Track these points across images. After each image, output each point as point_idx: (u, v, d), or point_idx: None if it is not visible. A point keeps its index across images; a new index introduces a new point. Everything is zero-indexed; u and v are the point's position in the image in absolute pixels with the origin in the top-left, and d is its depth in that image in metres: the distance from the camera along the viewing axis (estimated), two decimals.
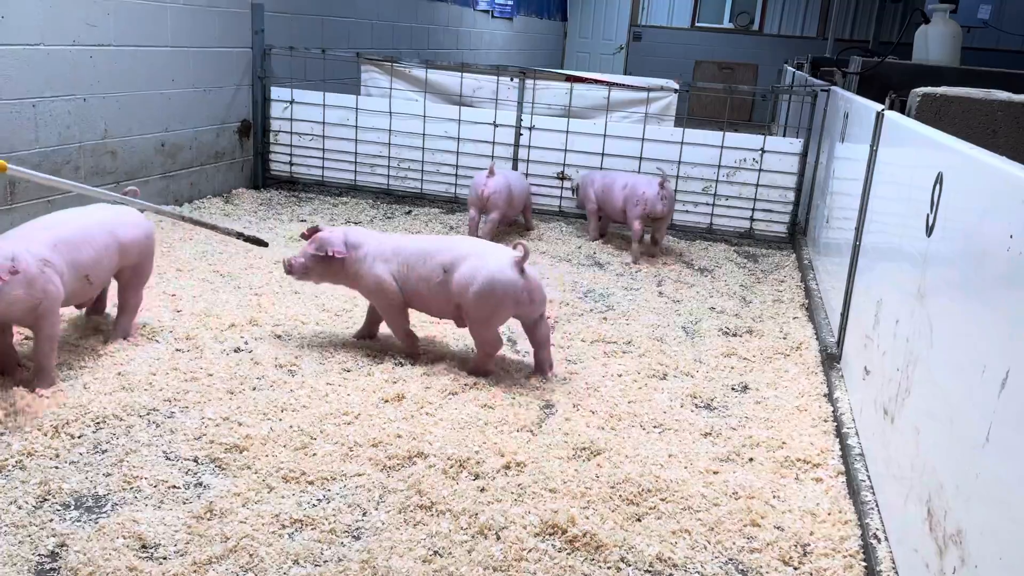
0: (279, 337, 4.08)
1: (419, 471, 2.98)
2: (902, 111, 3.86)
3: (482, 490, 2.90)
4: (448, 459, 3.06)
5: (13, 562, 2.36)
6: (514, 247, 3.71)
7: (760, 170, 6.50)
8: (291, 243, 5.68)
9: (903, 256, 2.97)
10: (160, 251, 5.24)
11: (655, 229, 6.12)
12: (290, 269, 3.90)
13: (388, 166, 7.21)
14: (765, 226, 6.64)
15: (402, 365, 3.86)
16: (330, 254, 3.84)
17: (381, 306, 3.94)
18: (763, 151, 6.47)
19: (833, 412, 3.59)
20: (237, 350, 3.89)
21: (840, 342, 3.96)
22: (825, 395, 3.80)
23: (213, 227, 4.39)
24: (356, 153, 7.23)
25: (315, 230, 3.94)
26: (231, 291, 4.69)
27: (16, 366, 3.42)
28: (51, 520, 2.57)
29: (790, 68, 11.13)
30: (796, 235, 6.54)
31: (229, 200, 6.85)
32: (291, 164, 7.39)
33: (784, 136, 7.47)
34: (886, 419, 2.79)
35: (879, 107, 3.95)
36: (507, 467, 3.05)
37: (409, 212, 6.92)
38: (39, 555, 2.41)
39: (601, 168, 6.64)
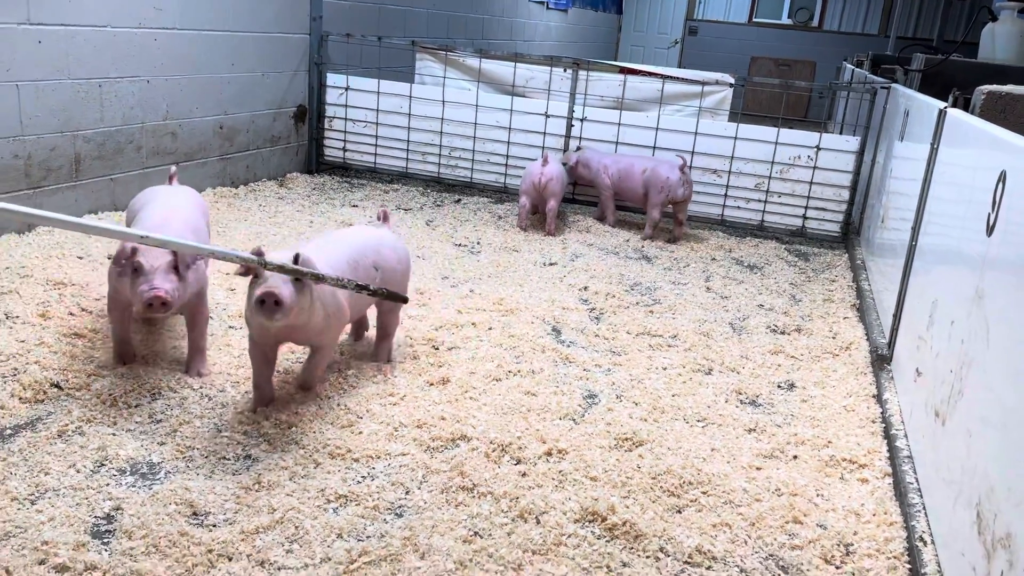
0: None
1: (462, 453, 3.02)
2: (965, 109, 3.77)
3: (523, 475, 2.93)
4: (490, 443, 3.09)
5: (71, 523, 2.45)
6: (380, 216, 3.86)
7: (815, 167, 6.39)
8: (342, 228, 5.76)
9: (961, 256, 2.90)
10: (215, 231, 5.38)
11: (677, 211, 6.15)
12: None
13: (439, 154, 7.26)
14: (817, 224, 6.53)
15: (449, 350, 3.90)
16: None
17: (337, 329, 3.31)
18: (818, 148, 6.37)
19: (882, 413, 3.54)
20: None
21: (891, 343, 3.89)
22: (874, 396, 3.73)
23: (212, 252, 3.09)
24: (408, 141, 7.29)
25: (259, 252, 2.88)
26: None
27: (132, 355, 3.47)
28: (107, 484, 2.67)
29: (849, 65, 10.90)
30: (849, 235, 6.42)
31: (283, 184, 6.97)
32: (344, 150, 7.49)
33: (841, 134, 7.33)
34: (937, 421, 2.74)
35: (941, 104, 3.86)
36: (548, 453, 3.07)
37: (459, 201, 6.97)
38: (95, 517, 2.51)
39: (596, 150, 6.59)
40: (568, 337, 4.21)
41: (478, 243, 5.78)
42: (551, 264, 5.43)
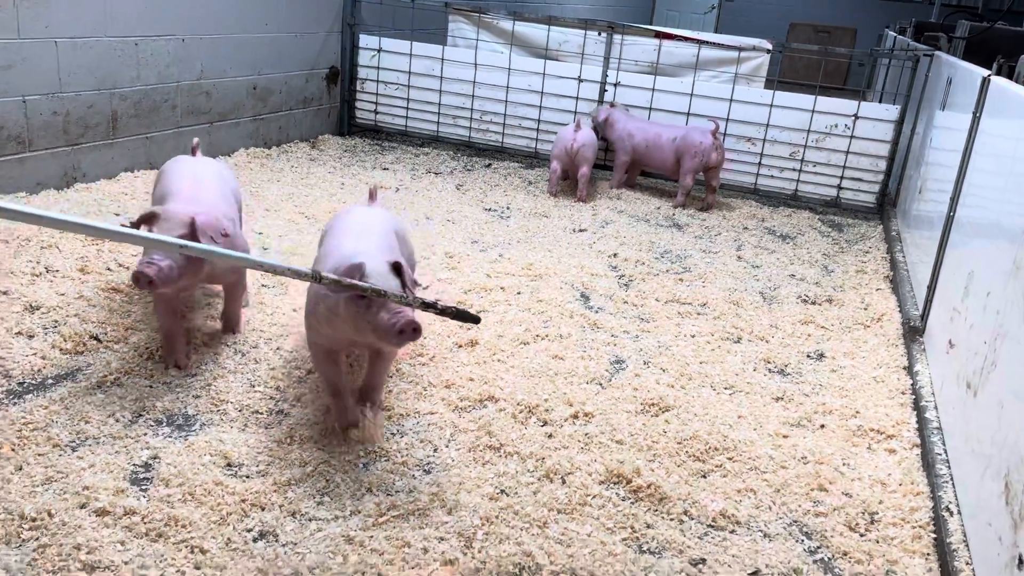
0: None
1: (489, 414, 3.06)
2: (1010, 78, 3.68)
3: (550, 436, 2.96)
4: (518, 404, 3.12)
5: (110, 469, 2.53)
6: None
7: (852, 137, 6.28)
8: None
9: (1000, 228, 2.86)
10: (248, 192, 5.43)
11: (710, 178, 6.10)
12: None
13: (470, 118, 7.23)
14: (853, 195, 6.43)
15: (478, 313, 3.92)
16: None
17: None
18: (856, 117, 6.25)
19: (912, 385, 3.51)
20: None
21: (925, 315, 3.85)
22: (904, 368, 3.71)
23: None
24: (440, 104, 7.27)
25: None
26: (315, 233, 4.82)
27: (185, 355, 3.20)
28: (145, 434, 2.74)
29: (891, 32, 10.64)
30: (885, 206, 6.32)
31: (315, 146, 7.00)
32: (376, 112, 7.49)
33: (880, 103, 7.18)
34: (968, 392, 2.72)
35: (985, 73, 3.77)
36: (575, 416, 3.09)
37: (489, 165, 6.95)
38: (134, 464, 2.58)
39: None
40: (596, 303, 4.22)
41: (508, 208, 5.78)
42: (581, 230, 5.41)
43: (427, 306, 2.44)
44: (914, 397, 3.41)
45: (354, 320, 2.47)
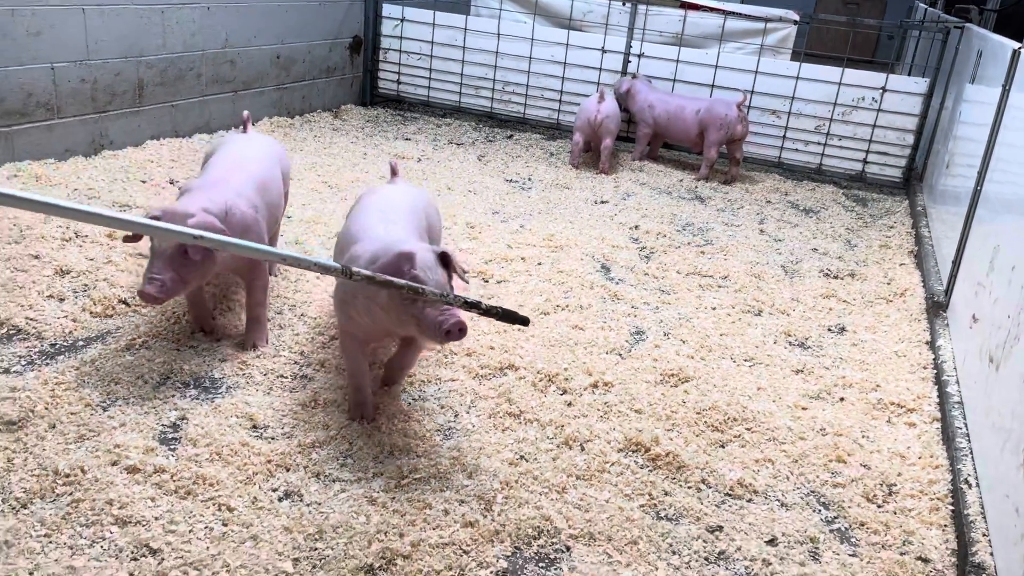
0: None
1: (509, 382, 3.09)
2: None
3: (569, 404, 2.99)
4: (538, 373, 3.15)
5: (140, 429, 2.59)
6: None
7: (879, 110, 6.20)
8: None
9: None
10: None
11: (733, 150, 6.06)
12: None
13: (493, 89, 7.20)
14: (878, 169, 6.36)
15: (499, 283, 3.94)
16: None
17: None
18: (884, 90, 6.16)
19: (934, 359, 3.50)
20: None
21: (949, 290, 3.82)
22: (927, 342, 3.69)
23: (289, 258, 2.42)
24: (462, 74, 7.24)
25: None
26: (338, 202, 4.85)
27: (211, 319, 3.26)
28: (173, 396, 2.80)
29: (922, 4, 10.44)
30: (911, 181, 6.25)
31: (338, 115, 7.02)
32: (398, 83, 7.48)
33: (909, 75, 7.07)
34: (991, 367, 2.71)
35: (1015, 45, 3.70)
36: (594, 385, 3.12)
37: (511, 136, 6.93)
38: (162, 425, 2.64)
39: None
40: (617, 275, 4.22)
41: (529, 179, 5.77)
42: (602, 202, 5.41)
43: (470, 306, 2.35)
44: (935, 371, 3.40)
45: (398, 314, 2.40)
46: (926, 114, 6.11)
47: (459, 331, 2.35)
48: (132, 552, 2.11)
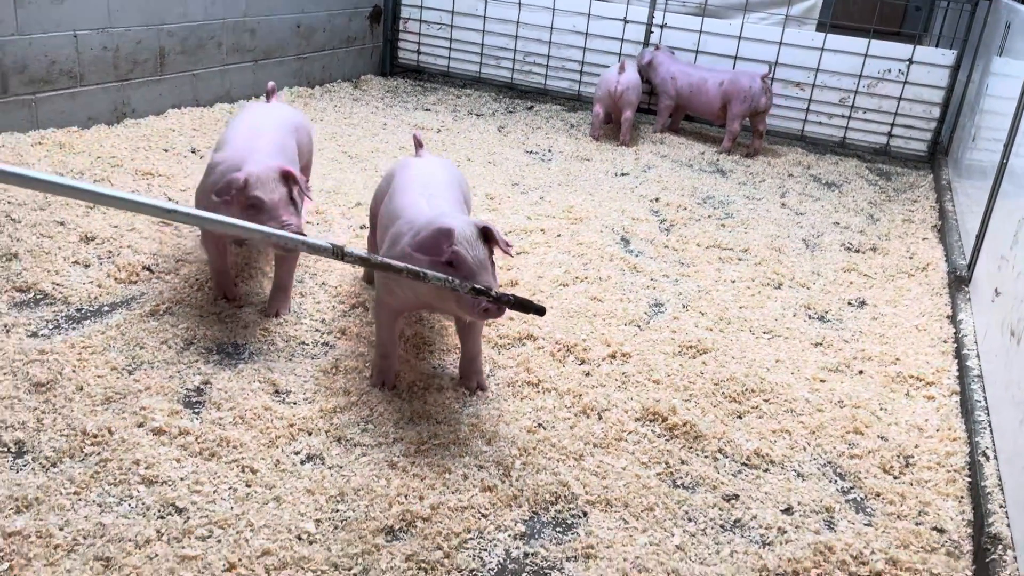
0: None
1: (528, 351, 3.11)
2: None
3: (587, 374, 3.01)
4: (556, 343, 3.17)
5: (165, 392, 2.64)
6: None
7: (905, 82, 6.11)
8: (415, 130, 5.80)
9: None
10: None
11: (757, 123, 6.01)
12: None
13: (513, 59, 7.16)
14: (903, 143, 6.29)
15: (518, 255, 3.95)
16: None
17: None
18: (911, 62, 6.07)
19: (955, 333, 3.48)
20: (363, 227, 4.07)
21: (971, 264, 3.79)
22: (948, 316, 3.67)
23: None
24: (482, 44, 7.20)
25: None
26: (358, 172, 4.87)
27: (233, 286, 3.28)
28: (196, 360, 2.84)
29: None
30: (936, 155, 6.17)
31: (358, 86, 7.01)
32: (419, 52, 7.45)
33: (936, 47, 6.95)
34: (1012, 340, 2.70)
35: None
36: (612, 356, 3.13)
37: (531, 107, 6.90)
38: (186, 388, 2.68)
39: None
40: (637, 247, 4.22)
41: (549, 151, 5.76)
42: (623, 174, 5.39)
43: (479, 293, 2.34)
44: (956, 345, 3.39)
45: (439, 290, 2.40)
46: (953, 87, 6.02)
47: (496, 309, 2.36)
48: (159, 510, 2.16)
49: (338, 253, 2.20)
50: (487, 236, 2.46)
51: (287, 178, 2.79)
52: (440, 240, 2.38)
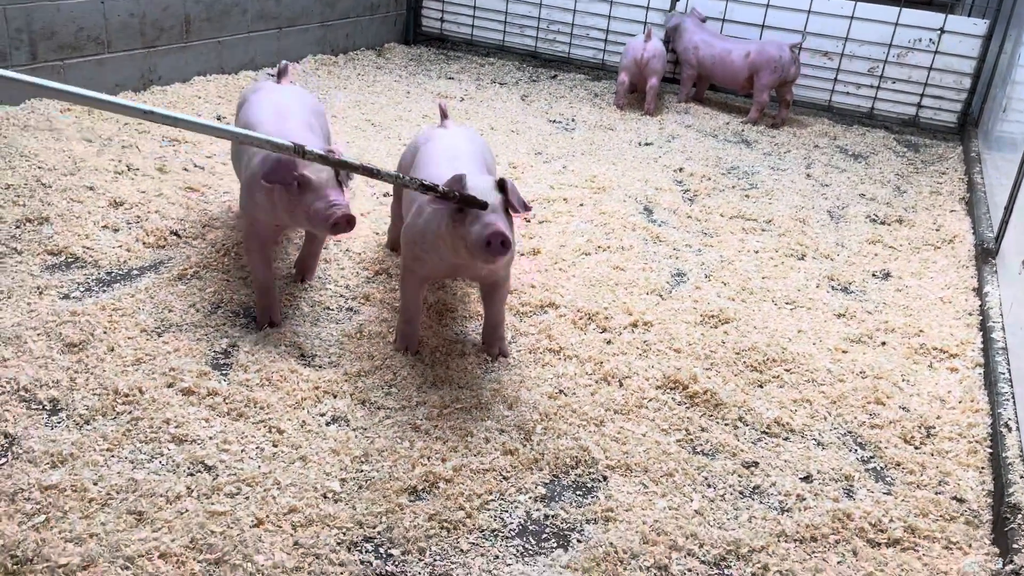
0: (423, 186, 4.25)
1: (550, 319, 3.13)
2: None
3: (608, 342, 3.02)
4: (578, 311, 3.19)
5: (193, 354, 2.69)
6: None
7: (936, 52, 6.00)
8: (438, 100, 5.79)
9: None
10: (317, 98, 5.49)
11: (784, 92, 5.93)
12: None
13: (537, 27, 7.10)
14: (932, 114, 6.19)
15: (540, 224, 3.96)
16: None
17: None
18: (942, 31, 5.95)
19: (980, 306, 3.46)
20: (386, 195, 4.09)
21: (999, 236, 3.75)
22: (973, 289, 3.64)
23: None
24: (506, 12, 7.15)
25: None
26: (381, 140, 4.88)
27: (279, 310, 2.98)
28: (224, 324, 2.89)
29: None
30: (967, 126, 6.07)
31: (381, 54, 6.99)
32: (442, 20, 7.41)
33: (968, 16, 6.81)
34: None
35: None
36: (634, 324, 3.15)
37: (555, 76, 6.86)
38: (214, 351, 2.74)
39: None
40: (660, 217, 4.21)
41: (573, 120, 5.73)
42: (647, 144, 5.35)
43: (427, 189, 2.42)
44: (981, 318, 3.36)
45: (452, 238, 2.44)
46: (984, 57, 5.90)
47: (501, 244, 2.35)
48: (188, 468, 2.21)
49: (299, 151, 2.36)
50: (502, 187, 2.49)
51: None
52: (452, 185, 2.45)
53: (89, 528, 1.97)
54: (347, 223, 2.50)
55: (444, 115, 3.25)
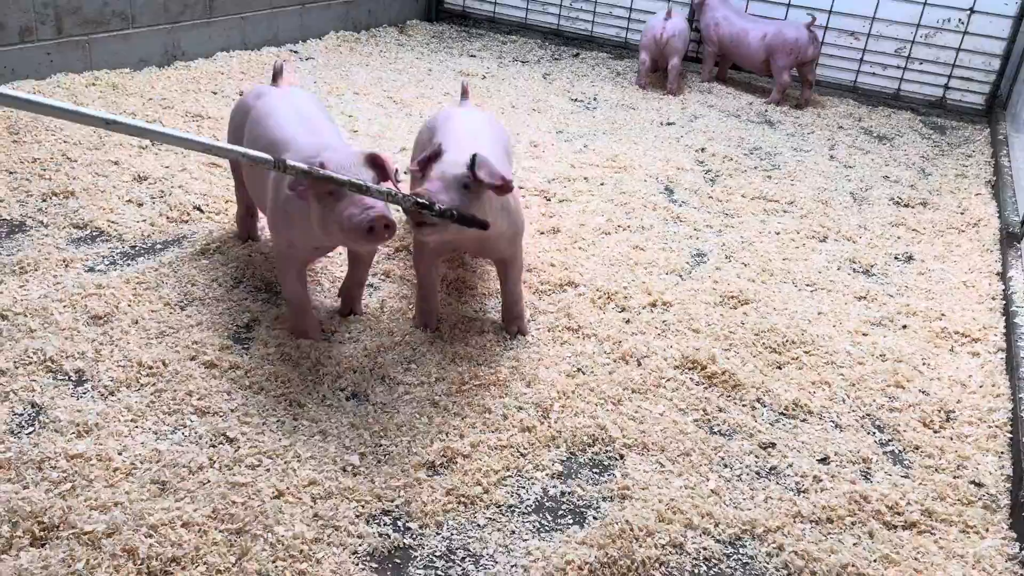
0: None
1: (569, 298, 3.13)
2: None
3: (627, 321, 3.03)
4: (597, 291, 3.19)
5: (215, 328, 2.72)
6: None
7: (965, 32, 5.89)
8: (459, 77, 5.77)
9: None
10: (339, 74, 5.49)
11: (806, 72, 5.85)
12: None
13: (560, 5, 7.05)
14: (960, 96, 6.08)
15: (560, 203, 3.95)
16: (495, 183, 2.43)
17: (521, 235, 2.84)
18: (971, 11, 5.83)
19: (1004, 291, 3.42)
20: (407, 172, 4.09)
21: None
22: (997, 273, 3.60)
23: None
24: None
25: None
26: (403, 117, 4.88)
27: (320, 327, 2.83)
28: (245, 299, 2.92)
29: None
30: (995, 108, 5.97)
31: (403, 31, 6.97)
32: None
33: None
34: None
35: None
36: (653, 304, 3.14)
37: (577, 55, 6.81)
38: (236, 325, 2.77)
39: None
40: (680, 197, 4.19)
41: (594, 99, 5.69)
42: (668, 124, 5.32)
43: (422, 206, 2.24)
44: (1004, 302, 3.33)
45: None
46: (1015, 38, 5.78)
47: (384, 227, 2.26)
48: (211, 439, 2.25)
49: (280, 165, 2.14)
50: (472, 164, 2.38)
51: (374, 163, 2.42)
52: (431, 154, 2.43)
53: (114, 496, 2.02)
54: (385, 228, 2.27)
55: (465, 94, 3.23)
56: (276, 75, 3.04)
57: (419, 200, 2.27)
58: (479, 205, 2.41)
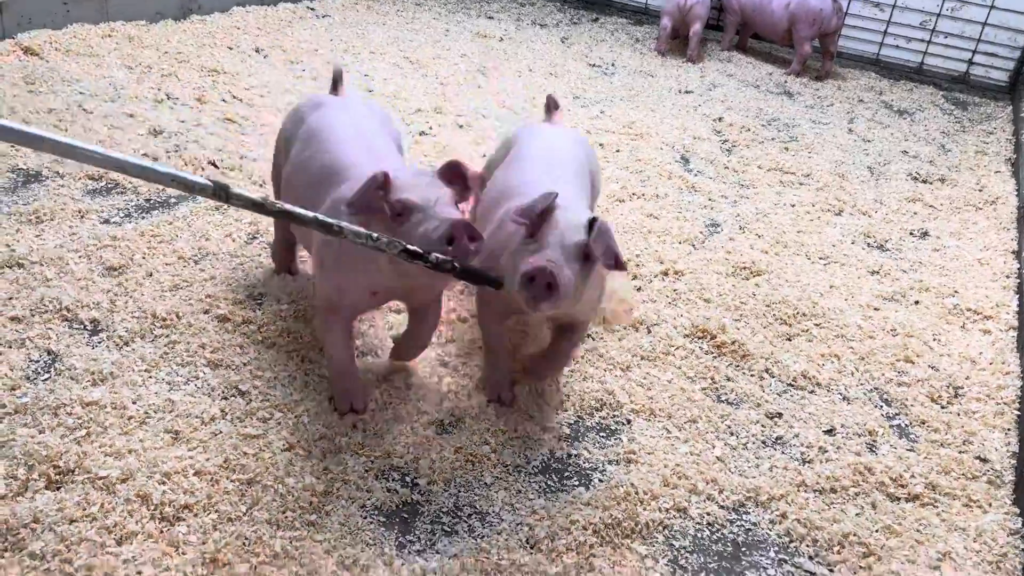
0: (460, 127, 4.24)
1: None
2: None
3: (638, 289, 3.03)
4: None
5: (229, 283, 2.74)
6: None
7: (991, 7, 5.79)
8: (476, 39, 5.72)
9: None
10: (355, 33, 5.45)
11: (827, 43, 5.77)
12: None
13: None
14: (984, 72, 6.00)
15: None
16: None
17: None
18: None
19: (1019, 269, 3.40)
20: (422, 133, 4.08)
21: None
22: (1013, 252, 3.58)
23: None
24: None
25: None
26: (419, 78, 4.84)
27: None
28: (259, 255, 2.93)
29: None
30: (1018, 85, 5.88)
31: None
32: None
33: None
34: None
35: None
36: (665, 273, 3.14)
37: (596, 19, 6.73)
38: (249, 281, 2.78)
39: None
40: (696, 166, 4.16)
41: (613, 65, 5.64)
42: (687, 92, 5.26)
43: (414, 256, 1.88)
44: (1019, 281, 3.31)
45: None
46: None
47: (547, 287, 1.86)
48: (223, 392, 2.28)
49: (222, 192, 1.69)
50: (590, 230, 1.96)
51: (451, 176, 2.03)
52: (540, 202, 1.97)
53: (128, 444, 2.05)
54: (466, 229, 1.86)
55: (553, 107, 2.77)
56: (335, 82, 2.65)
57: (408, 248, 1.87)
58: (590, 277, 1.99)
